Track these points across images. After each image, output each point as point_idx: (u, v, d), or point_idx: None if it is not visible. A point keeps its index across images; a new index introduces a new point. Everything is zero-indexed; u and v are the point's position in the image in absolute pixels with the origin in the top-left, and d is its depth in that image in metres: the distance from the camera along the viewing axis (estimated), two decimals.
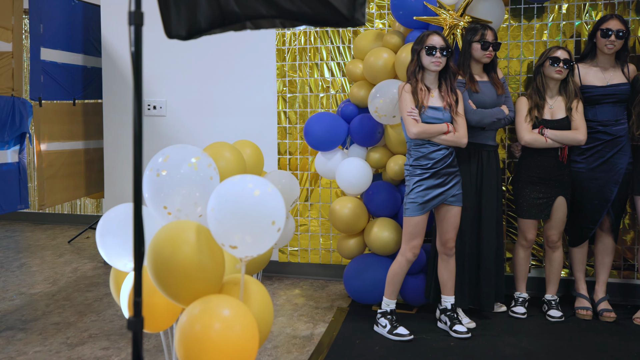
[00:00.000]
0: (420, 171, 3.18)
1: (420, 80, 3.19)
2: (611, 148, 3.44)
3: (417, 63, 3.19)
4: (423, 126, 3.14)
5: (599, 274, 3.66)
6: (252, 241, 1.88)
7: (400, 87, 3.22)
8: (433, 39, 3.15)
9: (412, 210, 3.18)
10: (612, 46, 3.39)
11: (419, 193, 3.16)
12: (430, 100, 3.19)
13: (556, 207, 3.51)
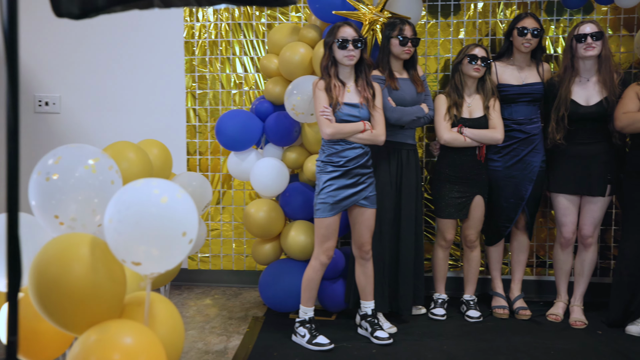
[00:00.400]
0: (331, 168, 3.02)
1: (334, 76, 3.03)
2: (526, 146, 3.45)
3: (329, 57, 3.02)
4: (337, 126, 2.98)
5: (514, 272, 3.68)
6: (159, 256, 1.63)
7: (313, 84, 3.05)
8: (345, 31, 2.99)
9: (323, 211, 3.01)
10: (528, 44, 3.40)
11: (330, 193, 3.00)
12: (346, 96, 3.04)
13: (474, 206, 3.49)
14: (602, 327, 3.37)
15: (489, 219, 3.60)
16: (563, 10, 3.80)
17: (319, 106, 2.99)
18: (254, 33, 4.04)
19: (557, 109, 3.29)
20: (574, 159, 3.33)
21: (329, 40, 3.02)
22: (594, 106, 3.28)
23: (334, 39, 2.99)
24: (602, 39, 3.21)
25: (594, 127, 3.30)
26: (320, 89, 3.00)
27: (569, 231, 3.41)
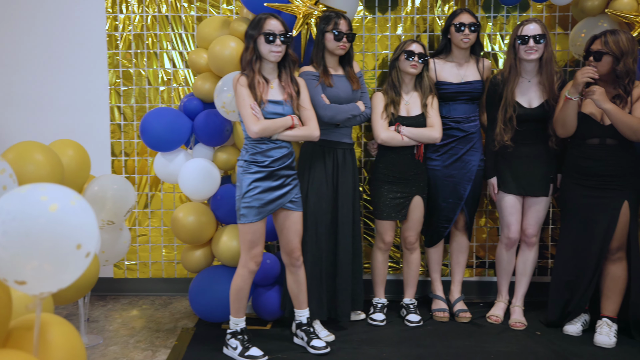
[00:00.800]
0: (256, 169, 2.83)
1: (257, 72, 2.84)
2: (464, 145, 3.38)
3: (254, 51, 2.83)
4: (265, 123, 2.80)
5: (454, 274, 3.60)
6: (49, 273, 1.41)
7: (234, 80, 2.84)
8: (272, 24, 2.81)
9: (249, 216, 2.82)
10: (467, 40, 3.32)
11: (256, 196, 2.82)
12: (270, 93, 2.86)
13: (413, 207, 3.39)
14: (541, 328, 3.33)
15: (428, 220, 3.51)
16: (500, 7, 3.75)
17: (245, 103, 2.79)
18: (182, 26, 3.81)
19: (504, 110, 3.22)
20: (518, 160, 3.28)
21: (253, 33, 2.82)
22: (536, 108, 3.23)
23: (260, 32, 2.80)
24: (545, 40, 3.16)
25: (537, 128, 3.25)
26: (242, 86, 2.80)
27: (515, 231, 3.36)
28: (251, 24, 2.85)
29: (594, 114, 3.05)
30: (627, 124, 2.91)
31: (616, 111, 2.92)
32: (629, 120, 2.92)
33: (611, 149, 3.03)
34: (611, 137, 3.01)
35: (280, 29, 2.81)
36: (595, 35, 3.02)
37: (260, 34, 2.79)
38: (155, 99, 3.84)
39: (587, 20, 3.41)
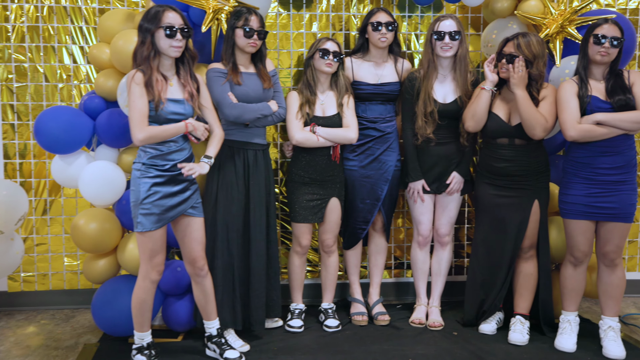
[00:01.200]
0: (155, 172, 2.63)
1: (156, 69, 2.63)
2: (381, 145, 3.34)
3: (151, 46, 2.61)
4: (151, 130, 2.58)
5: (372, 276, 3.55)
6: None
7: (129, 78, 2.60)
8: (170, 16, 2.60)
9: (149, 223, 2.62)
10: (385, 39, 3.27)
11: (156, 202, 2.62)
12: (169, 92, 2.66)
13: (330, 209, 3.30)
14: (458, 327, 3.34)
15: (345, 222, 3.44)
16: (414, 7, 3.74)
17: (134, 105, 2.56)
18: (83, 19, 3.55)
19: (424, 104, 3.20)
20: (431, 158, 3.26)
21: (150, 27, 2.59)
22: (450, 104, 3.22)
23: (158, 26, 2.58)
24: (460, 37, 3.16)
25: (450, 125, 3.25)
26: (138, 84, 2.56)
27: (426, 229, 3.36)
28: (146, 16, 2.62)
29: (503, 114, 3.08)
30: (531, 116, 2.92)
31: (526, 100, 2.94)
32: (534, 113, 2.93)
33: (520, 149, 3.06)
34: (519, 138, 3.04)
35: (180, 22, 2.62)
36: (507, 38, 3.04)
37: (159, 28, 2.58)
38: (53, 97, 3.55)
39: (498, 21, 3.46)
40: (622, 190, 2.90)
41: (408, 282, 3.89)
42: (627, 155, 2.90)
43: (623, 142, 2.88)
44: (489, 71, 3.07)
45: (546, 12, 3.27)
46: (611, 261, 2.98)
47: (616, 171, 2.90)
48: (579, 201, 2.95)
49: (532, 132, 2.96)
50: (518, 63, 2.94)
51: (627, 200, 2.91)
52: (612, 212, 2.91)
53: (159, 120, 2.62)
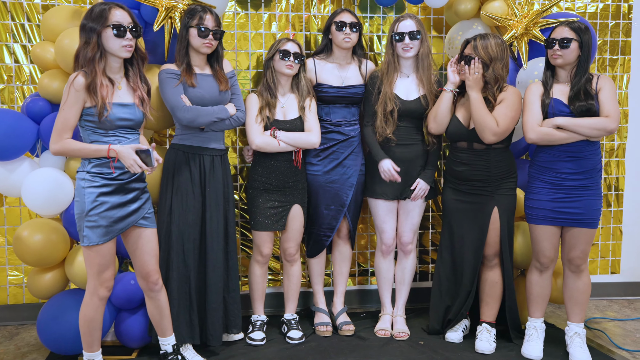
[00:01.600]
0: (102, 181, 2.44)
1: (101, 71, 2.42)
2: (345, 149, 3.24)
3: (97, 47, 2.40)
4: (68, 144, 2.39)
5: (337, 285, 3.45)
6: None
7: (68, 81, 2.38)
8: (117, 14, 2.41)
9: (96, 237, 2.43)
10: (349, 40, 3.17)
11: (103, 214, 2.43)
12: (117, 95, 2.47)
13: (292, 216, 3.18)
14: (424, 336, 3.27)
15: (309, 229, 3.32)
16: (376, 8, 3.65)
17: (63, 112, 2.37)
18: (25, 16, 3.32)
19: (384, 104, 3.11)
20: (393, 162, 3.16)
21: (95, 26, 2.38)
22: (413, 101, 3.14)
23: (105, 25, 2.38)
24: (421, 36, 3.08)
25: (413, 126, 3.17)
26: (77, 90, 2.35)
27: (390, 237, 3.26)
28: (90, 14, 2.40)
29: (463, 118, 3.02)
30: (481, 119, 2.87)
31: (478, 103, 2.89)
32: (484, 116, 2.87)
33: (479, 153, 2.99)
34: (477, 142, 2.98)
35: (129, 20, 2.43)
36: (467, 40, 2.99)
37: (106, 27, 2.39)
38: None
39: (462, 23, 3.40)
40: (587, 196, 2.87)
41: (372, 290, 3.80)
42: (592, 160, 2.87)
43: (586, 148, 2.85)
44: (451, 72, 3.01)
45: (511, 14, 3.23)
46: (577, 267, 2.95)
47: (580, 176, 2.86)
48: (544, 206, 2.91)
49: (481, 135, 2.90)
50: (474, 65, 2.88)
51: (592, 206, 2.88)
52: (577, 218, 2.88)
53: (105, 127, 2.43)
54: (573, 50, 2.83)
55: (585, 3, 3.78)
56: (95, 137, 2.44)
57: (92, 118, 2.40)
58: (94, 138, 2.44)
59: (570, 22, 2.89)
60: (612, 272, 3.94)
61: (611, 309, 3.84)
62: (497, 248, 3.06)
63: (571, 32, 2.83)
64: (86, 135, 2.45)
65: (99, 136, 2.44)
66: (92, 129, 2.43)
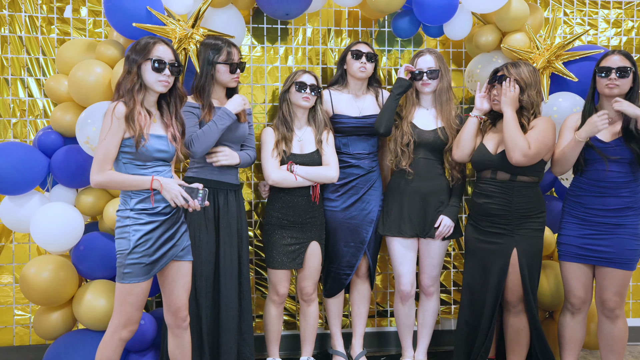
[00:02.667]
0: (147, 219, 2.37)
1: (139, 103, 2.40)
2: (364, 184, 3.13)
3: (137, 77, 2.40)
4: (112, 176, 2.33)
5: (355, 326, 3.29)
6: None
7: (109, 109, 2.35)
8: (160, 49, 2.40)
9: (136, 275, 2.35)
10: (364, 69, 3.10)
11: (147, 251, 2.35)
12: (153, 127, 2.43)
13: (310, 253, 3.05)
14: None
15: (327, 267, 3.19)
16: (394, 41, 3.59)
17: (105, 141, 2.32)
18: (40, 50, 3.30)
19: (401, 135, 3.03)
20: (411, 197, 3.04)
21: (137, 58, 2.39)
22: (430, 132, 3.05)
23: (146, 58, 2.38)
24: (440, 72, 3.03)
25: (432, 158, 3.06)
26: (118, 117, 2.32)
27: (407, 283, 3.07)
28: (135, 46, 2.42)
29: (491, 146, 2.88)
30: (513, 137, 2.71)
31: (512, 120, 2.75)
32: (517, 135, 2.72)
33: (502, 184, 2.83)
34: (502, 170, 2.82)
35: (170, 57, 2.42)
36: (497, 69, 2.91)
37: (147, 60, 2.37)
38: (5, 132, 3.27)
39: (482, 55, 3.33)
40: (619, 234, 2.71)
41: (391, 332, 3.63)
42: (627, 198, 2.72)
43: (623, 185, 2.72)
44: (479, 97, 2.92)
45: (532, 47, 3.15)
46: (610, 310, 2.76)
47: (611, 213, 2.72)
48: (572, 242, 2.77)
49: (511, 154, 2.72)
50: (508, 82, 2.78)
51: (625, 245, 2.71)
52: (608, 257, 2.72)
53: (143, 158, 2.37)
54: (630, 81, 2.71)
55: (608, 36, 3.71)
56: (134, 169, 2.38)
57: (130, 149, 2.35)
58: (133, 171, 2.38)
59: (621, 50, 2.77)
60: None
61: None
62: (519, 293, 2.85)
63: (627, 60, 2.71)
64: (125, 170, 2.38)
65: (138, 169, 2.38)
66: (131, 161, 2.37)
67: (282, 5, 2.95)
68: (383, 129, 3.03)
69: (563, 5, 3.67)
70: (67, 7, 3.31)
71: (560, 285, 3.07)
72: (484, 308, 2.88)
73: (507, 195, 2.82)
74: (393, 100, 3.03)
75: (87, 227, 2.97)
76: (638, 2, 3.70)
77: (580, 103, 3.07)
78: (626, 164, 2.72)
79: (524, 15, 3.13)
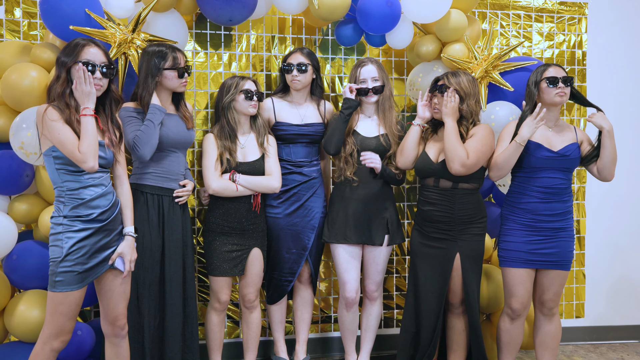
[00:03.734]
0: (80, 225, 2.32)
1: (73, 108, 2.33)
2: (307, 190, 3.15)
3: (67, 83, 2.34)
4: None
5: (299, 332, 3.30)
6: None
7: (39, 114, 2.29)
8: (90, 52, 2.35)
9: (68, 284, 2.29)
10: (296, 81, 3.13)
11: (80, 259, 2.30)
12: None
13: (251, 260, 3.04)
14: None
15: (269, 274, 3.19)
16: (338, 49, 3.63)
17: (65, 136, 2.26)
18: None
19: (344, 145, 3.06)
20: (355, 203, 3.07)
21: (66, 61, 2.34)
22: (372, 138, 3.09)
23: (75, 60, 2.33)
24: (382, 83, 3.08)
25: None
26: (55, 120, 2.26)
27: (352, 289, 3.10)
28: (65, 49, 2.36)
29: (433, 154, 2.95)
30: (452, 147, 2.79)
31: (452, 131, 2.82)
32: (456, 145, 2.79)
33: (445, 192, 2.90)
34: (445, 178, 2.90)
35: (102, 59, 2.37)
36: (437, 77, 2.98)
37: (76, 63, 2.31)
38: None
39: (423, 65, 3.41)
40: (562, 237, 2.85)
41: (335, 337, 3.66)
42: (567, 203, 2.87)
43: (565, 190, 2.86)
44: (421, 106, 2.98)
45: (471, 57, 3.25)
46: (549, 310, 2.89)
47: (556, 218, 2.84)
48: (520, 248, 2.85)
49: (450, 164, 2.81)
50: (449, 93, 2.85)
51: (567, 247, 2.86)
52: (553, 260, 2.84)
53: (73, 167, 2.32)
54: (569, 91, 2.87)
55: (542, 49, 3.86)
56: (68, 177, 2.32)
57: (62, 154, 2.29)
58: (66, 177, 2.32)
59: (556, 64, 2.92)
60: (576, 317, 3.89)
61: (577, 354, 3.79)
62: (461, 296, 2.94)
63: (563, 71, 2.87)
64: (57, 176, 2.32)
65: (71, 175, 2.32)
66: (63, 166, 2.31)
67: (225, 11, 2.93)
68: (333, 150, 3.05)
69: (500, 18, 3.80)
70: (0, 7, 3.19)
71: (499, 288, 3.16)
72: (428, 311, 2.93)
73: (450, 202, 2.89)
74: (342, 121, 3.03)
75: (20, 235, 2.86)
76: (569, 16, 3.88)
77: (517, 112, 3.19)
78: (569, 171, 2.88)
79: (462, 27, 3.23)
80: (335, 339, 3.66)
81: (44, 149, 2.33)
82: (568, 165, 2.87)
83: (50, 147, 2.31)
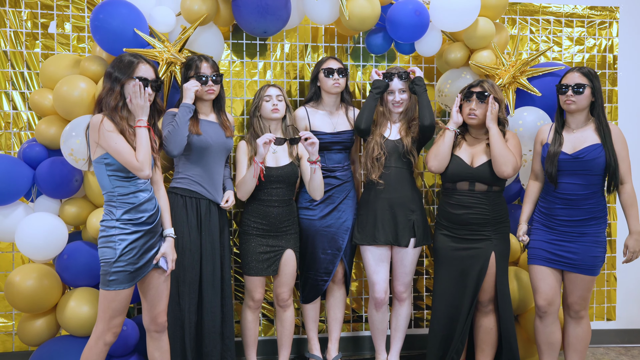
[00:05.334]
0: (132, 228, 2.47)
1: (124, 119, 2.49)
2: (340, 193, 3.27)
3: (120, 97, 2.49)
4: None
5: (331, 331, 3.41)
6: None
7: (95, 124, 2.43)
8: (142, 69, 2.50)
9: (121, 282, 2.45)
10: (338, 85, 3.25)
11: (132, 259, 2.46)
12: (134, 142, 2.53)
13: (285, 261, 3.16)
14: None
15: (305, 274, 3.31)
16: (369, 56, 3.74)
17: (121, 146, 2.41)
18: (25, 64, 3.39)
19: (372, 149, 3.17)
20: (381, 207, 3.16)
21: (120, 77, 2.47)
22: (397, 140, 3.19)
23: (129, 77, 2.47)
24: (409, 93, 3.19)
25: (401, 167, 3.19)
26: (112, 131, 2.41)
27: (381, 290, 3.19)
28: (118, 65, 2.50)
29: (466, 158, 3.03)
30: (504, 152, 2.88)
31: (499, 136, 2.92)
32: (506, 150, 2.90)
33: (480, 195, 2.98)
34: (480, 182, 2.98)
35: (152, 76, 2.53)
36: (471, 84, 3.05)
37: (131, 78, 2.47)
38: None
39: (451, 71, 3.48)
40: (583, 242, 2.87)
41: (366, 336, 3.76)
42: (589, 210, 2.87)
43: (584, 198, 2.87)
44: (455, 112, 3.05)
45: (498, 64, 3.32)
46: (575, 312, 2.94)
47: (575, 224, 2.88)
48: (541, 246, 2.93)
49: (501, 168, 2.90)
50: (491, 99, 2.94)
51: (589, 252, 2.87)
52: (573, 263, 2.88)
53: (127, 171, 2.47)
54: (587, 97, 2.86)
55: (572, 53, 3.89)
56: (119, 182, 2.47)
57: (113, 161, 2.44)
58: (117, 183, 2.47)
59: (580, 68, 2.92)
60: (607, 319, 3.91)
61: (608, 357, 3.80)
62: (492, 294, 3.02)
63: (583, 77, 2.87)
64: (109, 182, 2.47)
65: (122, 181, 2.47)
66: (115, 173, 2.46)
67: (260, 24, 3.06)
68: (364, 125, 3.16)
69: (529, 24, 3.85)
70: (52, 22, 3.40)
71: (526, 290, 3.23)
72: (458, 311, 3.01)
73: (486, 205, 2.98)
74: (372, 99, 3.18)
75: (70, 237, 3.05)
76: (600, 21, 3.90)
77: (544, 117, 3.24)
78: (591, 174, 2.86)
79: (490, 34, 3.30)
80: (366, 338, 3.76)
81: (96, 156, 2.47)
82: (586, 168, 2.85)
83: (102, 155, 2.45)
